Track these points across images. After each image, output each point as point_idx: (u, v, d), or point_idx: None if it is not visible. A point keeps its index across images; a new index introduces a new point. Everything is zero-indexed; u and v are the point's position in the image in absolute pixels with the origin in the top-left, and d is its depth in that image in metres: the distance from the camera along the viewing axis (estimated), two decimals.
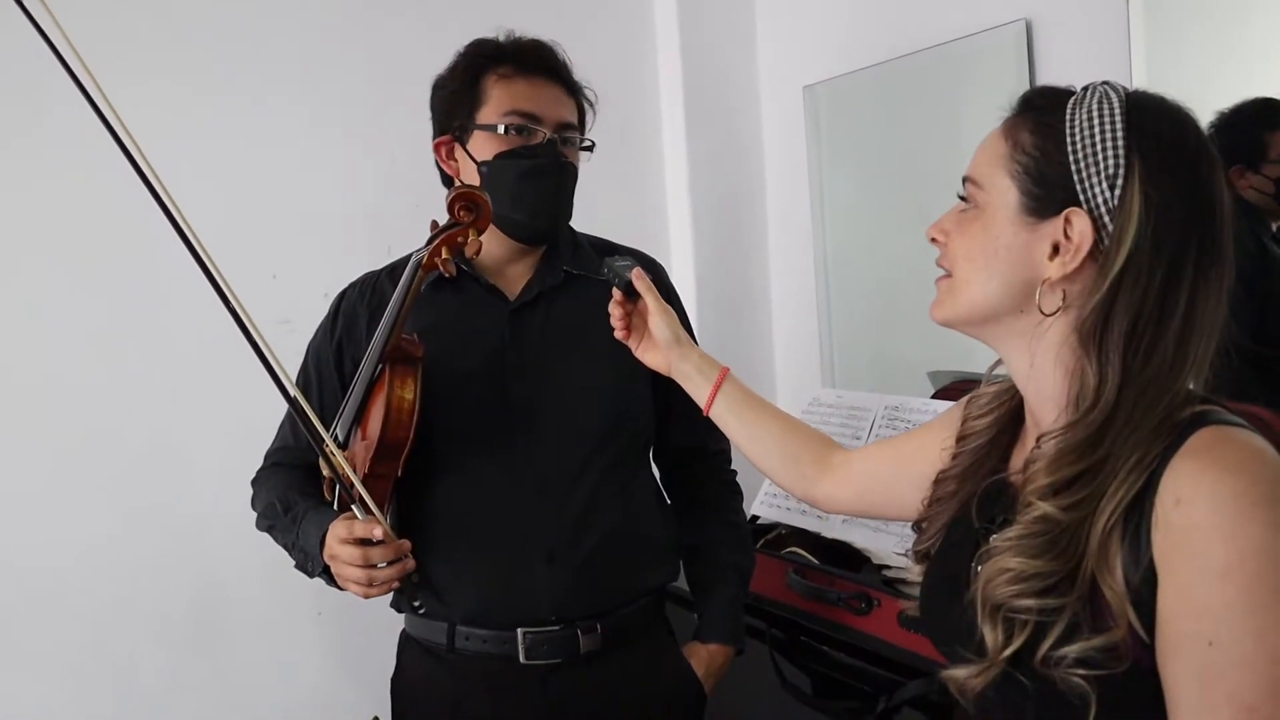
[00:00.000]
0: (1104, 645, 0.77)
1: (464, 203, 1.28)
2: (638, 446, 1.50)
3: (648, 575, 1.47)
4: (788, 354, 2.66)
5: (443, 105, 1.44)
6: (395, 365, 1.29)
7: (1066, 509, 0.80)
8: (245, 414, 2.08)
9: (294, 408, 1.20)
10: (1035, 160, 0.85)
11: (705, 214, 2.59)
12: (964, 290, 0.90)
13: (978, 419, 1.01)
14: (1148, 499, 0.77)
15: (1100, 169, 0.81)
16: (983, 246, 0.88)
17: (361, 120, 2.21)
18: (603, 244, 1.57)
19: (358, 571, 1.23)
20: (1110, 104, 0.83)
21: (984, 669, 0.82)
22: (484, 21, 2.31)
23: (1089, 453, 0.80)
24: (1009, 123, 0.89)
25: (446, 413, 1.36)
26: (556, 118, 1.40)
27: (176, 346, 2.04)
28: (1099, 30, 1.80)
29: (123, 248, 1.98)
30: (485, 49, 1.42)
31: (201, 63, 2.04)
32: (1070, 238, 0.83)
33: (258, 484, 1.54)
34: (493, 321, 1.42)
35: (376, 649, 2.16)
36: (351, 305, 1.49)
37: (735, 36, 2.62)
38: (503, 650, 1.38)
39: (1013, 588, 0.80)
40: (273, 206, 2.12)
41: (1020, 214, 0.86)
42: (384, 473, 1.30)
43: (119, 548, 1.98)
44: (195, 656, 2.06)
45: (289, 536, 1.40)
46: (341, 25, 2.20)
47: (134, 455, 2.00)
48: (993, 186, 0.88)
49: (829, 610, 1.67)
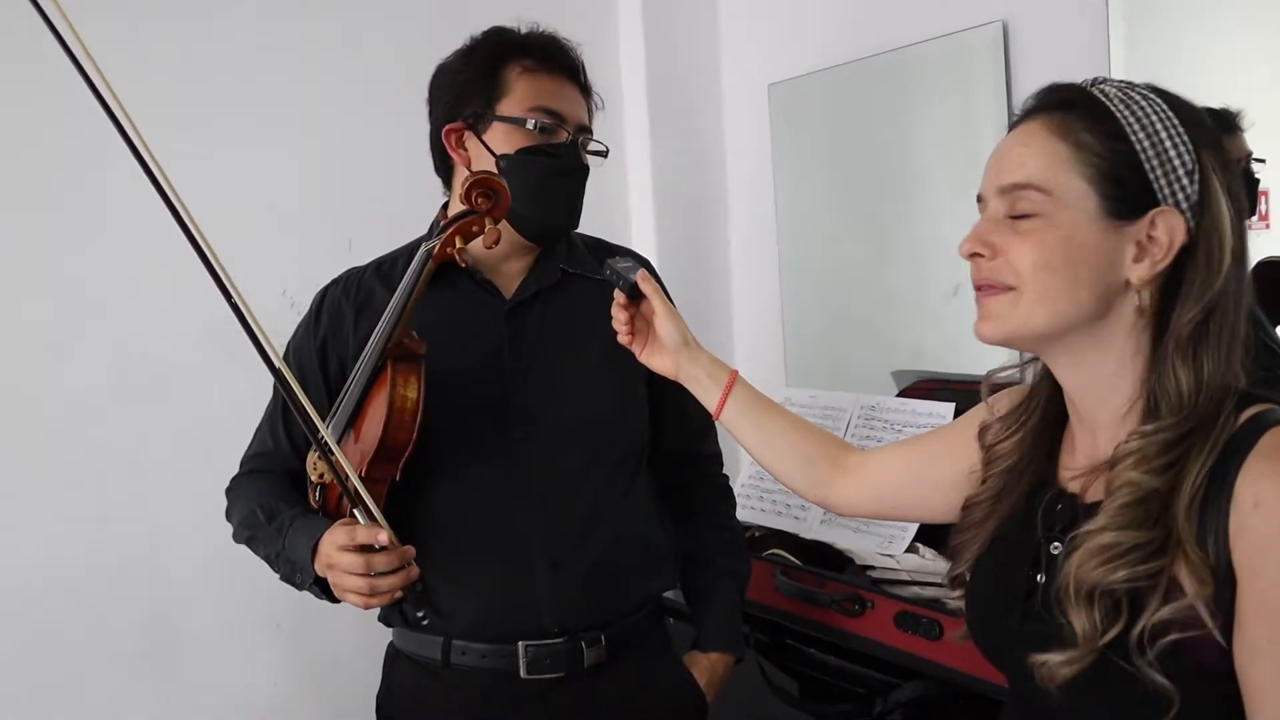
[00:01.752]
0: (1189, 605, 0.76)
1: (482, 189, 1.23)
2: (637, 450, 1.46)
3: (650, 582, 1.44)
4: (750, 354, 2.64)
5: (455, 91, 1.37)
6: (398, 363, 1.23)
7: (1155, 472, 0.79)
8: (198, 419, 2.00)
9: (290, 399, 1.13)
10: (1108, 160, 0.83)
11: (668, 213, 2.56)
12: (1047, 302, 0.85)
13: (1001, 442, 0.99)
14: (1223, 500, 0.77)
15: (1179, 165, 0.81)
16: (1066, 255, 0.84)
17: (320, 113, 2.13)
18: (596, 243, 1.53)
19: (359, 581, 1.16)
20: (1156, 102, 0.83)
21: (1079, 655, 0.80)
22: (444, 17, 2.26)
23: (1176, 447, 0.80)
24: (1056, 123, 0.85)
25: (442, 414, 1.29)
26: (577, 118, 1.37)
27: (127, 350, 1.94)
28: (1077, 33, 1.82)
29: (71, 247, 1.88)
30: (507, 38, 1.37)
31: (153, 54, 1.94)
32: (1154, 238, 0.82)
33: (234, 492, 1.45)
34: (489, 320, 1.38)
35: (341, 664, 2.10)
36: (336, 302, 1.42)
37: (699, 33, 2.60)
38: (502, 665, 1.33)
39: (1106, 565, 0.79)
40: (228, 201, 2.02)
41: (1104, 217, 0.84)
42: (381, 476, 1.24)
43: (65, 559, 1.87)
44: (146, 672, 1.96)
45: (273, 547, 1.32)
46: (300, 16, 2.12)
47: (82, 462, 1.90)
48: (1067, 191, 0.84)
49: (819, 612, 1.65)
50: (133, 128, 1.13)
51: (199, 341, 1.97)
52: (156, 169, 1.12)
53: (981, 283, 0.89)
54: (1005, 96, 1.95)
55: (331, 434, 1.28)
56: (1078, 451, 0.93)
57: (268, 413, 1.45)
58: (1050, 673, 0.83)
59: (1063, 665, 0.82)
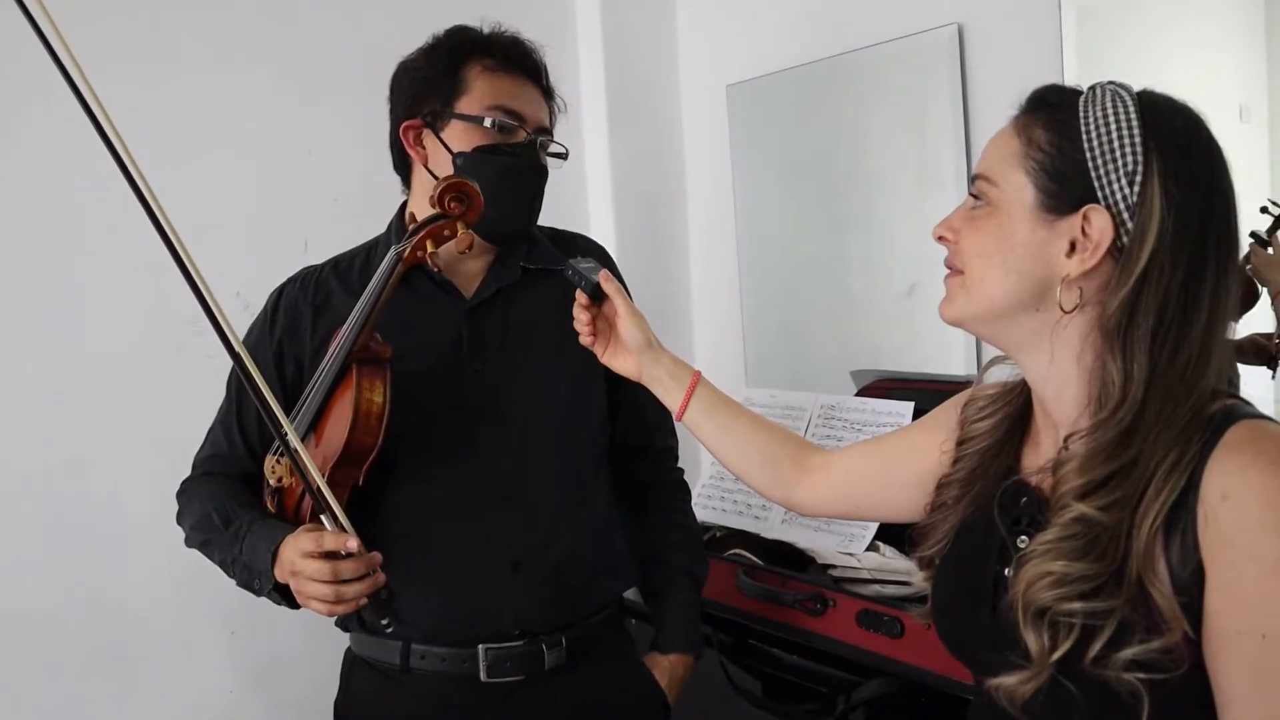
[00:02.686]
0: (1162, 648, 0.77)
1: (455, 194, 1.22)
2: (598, 449, 1.45)
3: (611, 582, 1.43)
4: (710, 353, 2.65)
5: (414, 88, 1.36)
6: (364, 366, 1.21)
7: (1103, 509, 0.80)
8: (149, 421, 1.96)
9: (262, 406, 1.10)
10: (1051, 157, 0.85)
11: (627, 213, 2.56)
12: (979, 287, 0.89)
13: (979, 421, 1.00)
14: (1190, 498, 0.77)
15: (1119, 166, 0.82)
16: (998, 243, 0.87)
17: (277, 110, 2.10)
18: (554, 233, 1.52)
19: (324, 589, 1.13)
20: (1124, 102, 0.83)
21: (1033, 674, 0.81)
22: (405, 13, 2.24)
23: (1120, 452, 0.80)
24: (1021, 120, 0.89)
25: (403, 415, 1.27)
26: (537, 119, 1.36)
27: (72, 353, 1.89)
28: (1031, 35, 1.84)
29: (13, 247, 1.83)
30: (469, 37, 1.36)
31: (107, 46, 1.89)
32: (1088, 235, 0.83)
33: (186, 495, 1.41)
34: (449, 320, 1.36)
35: (296, 668, 2.07)
36: (293, 302, 1.39)
37: (657, 32, 2.60)
38: (462, 669, 1.31)
39: (1056, 591, 0.80)
40: (181, 199, 1.98)
41: (1037, 211, 0.86)
42: (343, 481, 1.22)
43: (15, 565, 1.83)
44: (99, 679, 1.92)
45: (229, 553, 1.28)
46: (257, 11, 2.08)
47: (28, 466, 1.85)
48: (1007, 183, 0.87)
49: (782, 612, 1.65)
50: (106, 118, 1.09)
51: (146, 342, 1.94)
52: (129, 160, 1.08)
53: (946, 264, 0.93)
54: (961, 98, 1.97)
55: (296, 434, 1.25)
56: (1042, 445, 0.93)
57: (221, 413, 1.41)
58: (1009, 694, 0.84)
59: (1019, 685, 0.82)
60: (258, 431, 1.36)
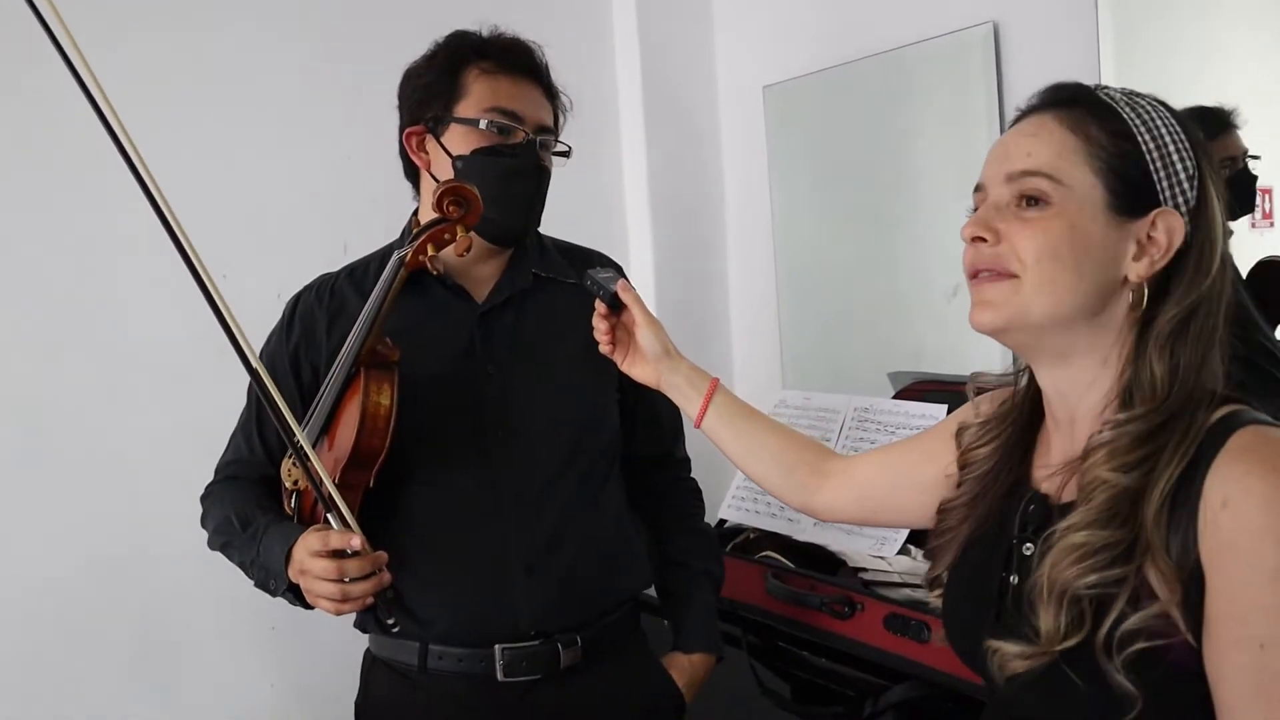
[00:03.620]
0: (1159, 612, 0.76)
1: (453, 197, 1.23)
2: (609, 454, 1.46)
3: (625, 582, 1.44)
4: (747, 355, 2.65)
5: (416, 94, 1.38)
6: (371, 370, 1.24)
7: (1126, 471, 0.80)
8: (191, 420, 2.00)
9: (268, 403, 1.14)
10: (1117, 158, 0.84)
11: (664, 215, 2.57)
12: (1047, 290, 0.84)
13: (978, 448, 0.99)
14: (1193, 499, 0.77)
15: (1183, 169, 0.83)
16: (1072, 244, 0.83)
17: (317, 116, 2.14)
18: (568, 246, 1.53)
19: (331, 587, 1.17)
20: (1160, 109, 0.85)
21: (1034, 653, 0.81)
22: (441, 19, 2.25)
23: (1149, 441, 0.81)
24: (1065, 116, 0.86)
25: (416, 420, 1.30)
26: (537, 119, 1.37)
27: (118, 351, 1.95)
28: (1067, 33, 1.82)
29: (63, 248, 1.89)
30: (467, 41, 1.37)
31: (153, 56, 1.96)
32: (1153, 238, 0.84)
33: (209, 499, 1.45)
34: (461, 325, 1.38)
35: (333, 667, 2.10)
36: (309, 309, 1.42)
37: (694, 35, 2.61)
38: (479, 669, 1.33)
39: (1081, 565, 0.79)
40: (224, 204, 2.04)
41: (1108, 212, 0.84)
42: (354, 483, 1.25)
43: (57, 562, 1.88)
44: (142, 675, 1.96)
45: (248, 554, 1.32)
46: (297, 19, 2.13)
47: (73, 464, 1.90)
48: (1075, 181, 0.84)
49: (810, 615, 1.65)
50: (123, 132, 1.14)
51: (191, 343, 1.97)
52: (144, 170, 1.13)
53: (981, 268, 0.87)
54: (996, 96, 1.95)
55: (307, 440, 1.29)
56: (1053, 452, 0.93)
57: (242, 420, 1.45)
58: (1002, 660, 0.84)
59: (1016, 658, 0.82)
60: (276, 437, 1.39)
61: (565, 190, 2.13)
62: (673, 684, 1.43)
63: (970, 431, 1.01)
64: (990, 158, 0.91)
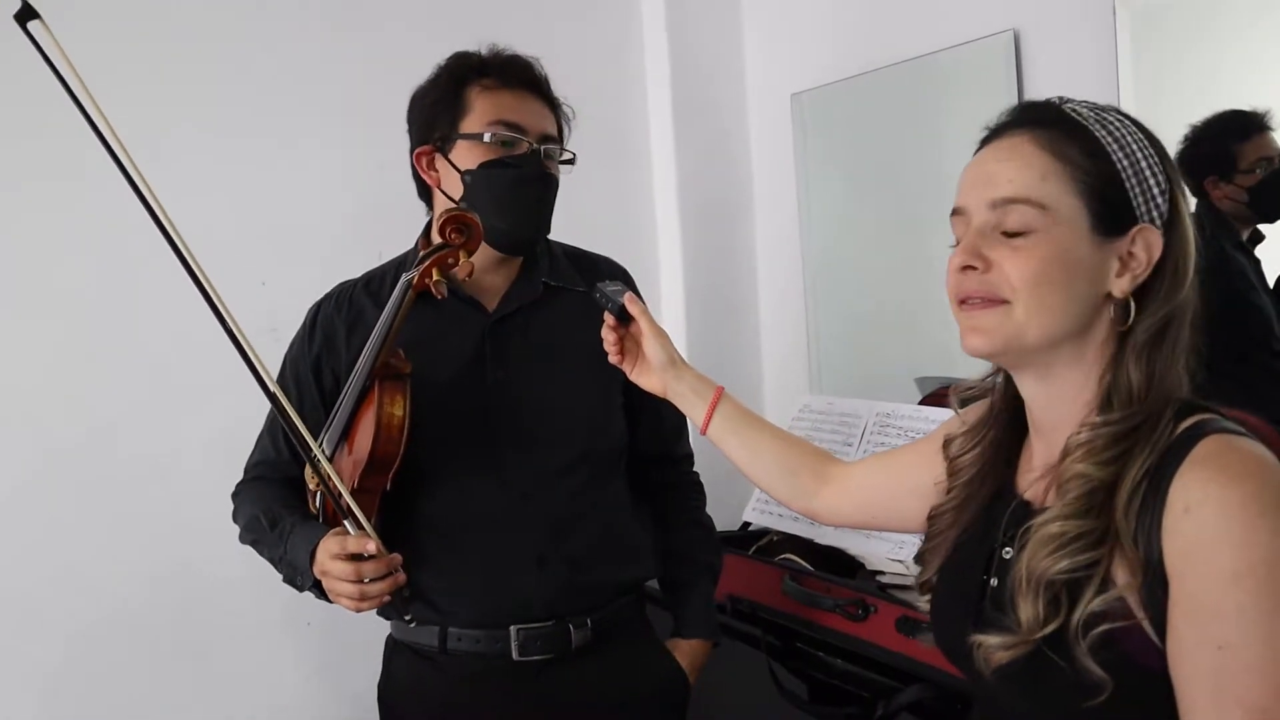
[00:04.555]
0: (1118, 596, 0.79)
1: (455, 225, 1.29)
2: (615, 454, 1.52)
3: (630, 572, 1.50)
4: (775, 360, 2.67)
5: (423, 115, 1.44)
6: (384, 382, 1.31)
7: (1101, 464, 0.83)
8: (229, 421, 2.05)
9: (284, 420, 1.22)
10: (1096, 179, 0.85)
11: (693, 222, 2.60)
12: (1042, 315, 0.85)
13: (963, 455, 1.02)
14: (1158, 505, 0.79)
15: (1155, 184, 0.85)
16: (1064, 268, 0.85)
17: (351, 127, 2.20)
18: (577, 254, 1.58)
19: (350, 587, 1.25)
20: (1125, 122, 0.87)
21: (1016, 642, 0.83)
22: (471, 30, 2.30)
23: (1123, 440, 0.83)
24: (1040, 139, 0.86)
25: (429, 425, 1.36)
26: (540, 129, 1.41)
27: (159, 354, 2.02)
28: (1087, 41, 1.83)
29: (103, 255, 1.96)
30: (467, 61, 1.43)
31: (188, 71, 2.03)
32: (1133, 254, 0.85)
33: (239, 497, 1.53)
34: (473, 334, 1.43)
35: (364, 659, 2.15)
36: (329, 318, 1.49)
37: (723, 44, 2.64)
38: (495, 649, 1.39)
39: (1056, 553, 0.82)
40: (263, 214, 2.11)
41: (1092, 233, 0.86)
42: (371, 487, 1.32)
43: (103, 558, 1.96)
44: (178, 668, 2.04)
45: (276, 551, 1.40)
46: (328, 33, 2.19)
47: (118, 464, 1.98)
48: (1060, 205, 0.85)
49: (825, 616, 1.67)
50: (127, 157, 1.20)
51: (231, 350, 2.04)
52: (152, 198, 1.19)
53: (971, 295, 0.88)
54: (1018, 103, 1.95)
55: (324, 451, 1.36)
56: (1035, 459, 0.95)
57: (268, 423, 1.53)
58: (987, 653, 0.86)
59: (999, 649, 0.84)
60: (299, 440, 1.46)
61: (595, 198, 2.16)
62: (678, 666, 1.50)
63: (956, 442, 1.03)
64: (968, 181, 0.91)
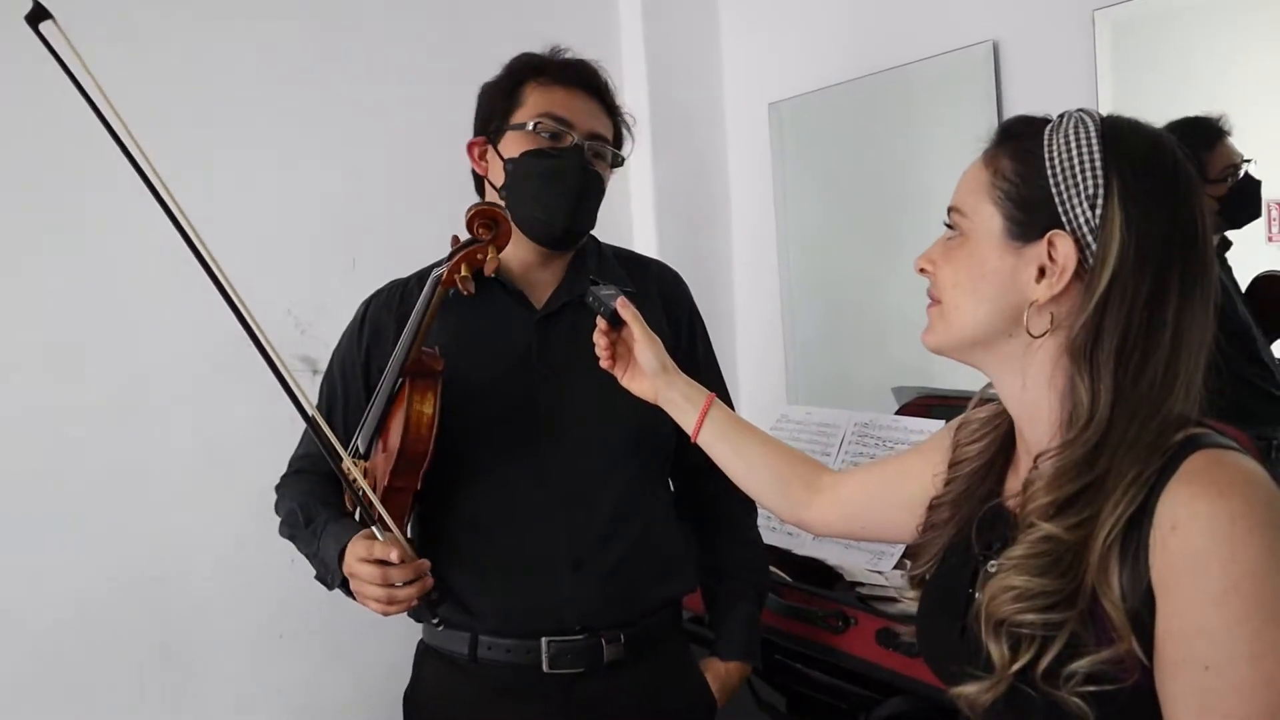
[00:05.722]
0: (1111, 658, 0.78)
1: (483, 220, 1.28)
2: (659, 460, 1.50)
3: (669, 585, 1.47)
4: (753, 370, 2.66)
5: (483, 108, 1.46)
6: (415, 379, 1.29)
7: (1070, 528, 0.81)
8: (206, 435, 2.04)
9: (313, 429, 1.19)
10: (1016, 186, 0.87)
11: (670, 231, 2.59)
12: (954, 316, 0.91)
13: (970, 444, 1.02)
14: (1145, 523, 0.78)
15: (1080, 190, 0.83)
16: (969, 272, 0.90)
17: (326, 133, 2.17)
18: (627, 254, 1.58)
19: (378, 590, 1.23)
20: (1086, 127, 0.85)
21: (993, 684, 0.83)
22: (450, 38, 2.30)
23: (1086, 470, 0.81)
24: (989, 152, 0.91)
25: (473, 420, 1.36)
26: (588, 127, 1.41)
27: (136, 366, 1.98)
28: (1066, 52, 1.84)
29: (85, 263, 1.93)
30: (531, 60, 1.44)
31: (166, 70, 1.99)
32: (1055, 260, 0.85)
33: (281, 490, 1.52)
34: (520, 329, 1.42)
35: (337, 672, 2.14)
36: (378, 313, 1.48)
37: (700, 52, 2.64)
38: (526, 660, 1.37)
39: (1016, 605, 0.81)
40: (235, 219, 2.07)
41: (1005, 239, 0.87)
42: (403, 486, 1.30)
43: (74, 571, 1.92)
44: (156, 683, 2.00)
45: (310, 547, 1.39)
46: (309, 38, 2.16)
47: (91, 477, 1.94)
48: (977, 214, 0.89)
49: (805, 629, 1.66)
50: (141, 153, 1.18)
51: (207, 359, 2.01)
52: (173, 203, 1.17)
53: (928, 295, 0.96)
54: (996, 114, 1.97)
55: (360, 445, 1.36)
56: (1021, 469, 0.94)
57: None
58: (970, 703, 0.86)
59: (981, 693, 0.84)
60: (344, 436, 1.44)
61: None
62: (707, 688, 1.48)
63: (969, 428, 1.03)
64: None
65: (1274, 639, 0.73)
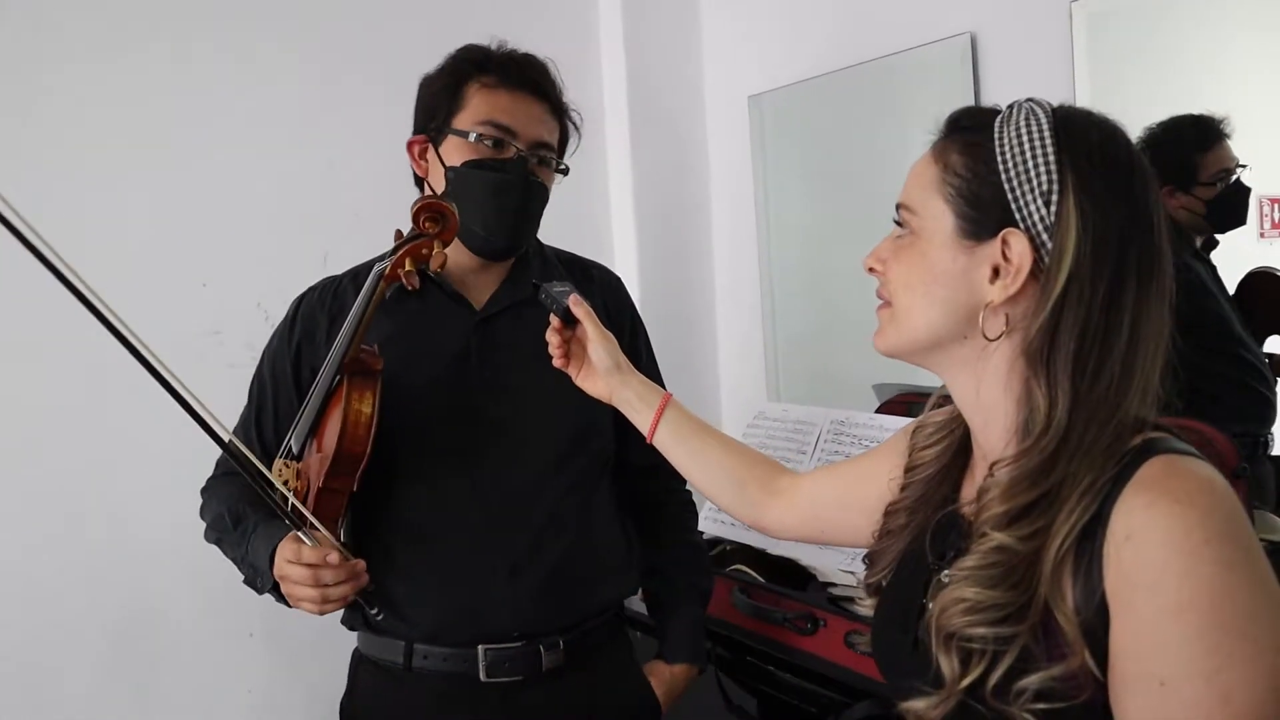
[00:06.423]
0: (1063, 674, 0.74)
1: (430, 214, 1.24)
2: (599, 464, 1.46)
3: (609, 589, 1.45)
4: (733, 367, 2.64)
5: (424, 104, 1.40)
6: (353, 378, 1.25)
7: (1023, 539, 0.77)
8: (175, 426, 2.00)
9: (229, 452, 1.15)
10: (968, 182, 0.82)
11: (650, 225, 2.56)
12: (905, 319, 0.87)
13: (926, 449, 0.98)
14: (1099, 532, 0.75)
15: (1035, 186, 0.79)
16: (921, 274, 0.85)
17: (298, 125, 2.14)
18: (570, 257, 1.54)
19: (309, 591, 1.20)
20: (1038, 119, 0.80)
21: (941, 700, 0.80)
22: (425, 28, 2.27)
23: (1042, 479, 0.78)
24: (938, 146, 0.86)
25: (408, 422, 1.32)
26: (533, 135, 1.36)
27: (104, 357, 1.94)
28: (1042, 44, 1.82)
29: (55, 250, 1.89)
30: (473, 55, 1.38)
31: (134, 64, 1.96)
32: (1009, 259, 0.81)
33: (208, 493, 1.48)
34: (458, 332, 1.39)
35: (308, 672, 2.12)
36: (311, 310, 1.44)
37: (680, 45, 2.60)
38: (463, 668, 1.34)
39: (967, 618, 0.78)
40: (204, 213, 2.05)
41: (957, 238, 0.83)
42: (338, 487, 1.26)
43: (41, 564, 1.89)
44: (121, 681, 1.97)
45: (238, 551, 1.35)
46: (281, 30, 2.13)
47: (58, 469, 1.91)
48: (927, 212, 0.85)
49: (775, 630, 1.64)
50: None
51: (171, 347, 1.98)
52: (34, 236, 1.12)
53: (878, 295, 0.92)
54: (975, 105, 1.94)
55: (294, 445, 1.32)
56: (976, 475, 0.91)
57: (242, 419, 1.47)
58: (919, 718, 0.83)
59: (930, 710, 0.81)
60: (273, 437, 1.42)
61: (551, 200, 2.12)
62: (650, 692, 1.45)
63: (924, 431, 1.00)
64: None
65: (1232, 653, 0.69)
